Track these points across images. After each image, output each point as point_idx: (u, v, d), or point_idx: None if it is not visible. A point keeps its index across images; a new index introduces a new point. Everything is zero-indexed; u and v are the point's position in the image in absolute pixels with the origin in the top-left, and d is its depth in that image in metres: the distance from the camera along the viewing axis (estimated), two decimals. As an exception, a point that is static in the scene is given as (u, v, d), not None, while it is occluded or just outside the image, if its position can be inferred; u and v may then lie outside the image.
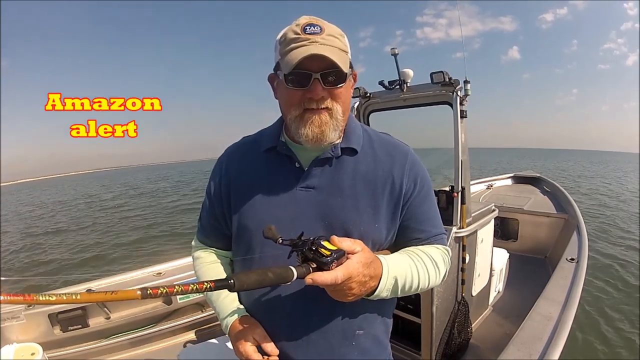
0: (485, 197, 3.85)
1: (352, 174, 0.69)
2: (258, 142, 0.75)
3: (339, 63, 0.59)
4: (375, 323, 0.73)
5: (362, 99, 2.13)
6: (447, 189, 1.88)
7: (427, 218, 0.73)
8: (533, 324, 1.29)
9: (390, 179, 0.69)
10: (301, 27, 0.60)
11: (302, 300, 0.67)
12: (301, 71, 0.60)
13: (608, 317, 3.17)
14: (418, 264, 0.67)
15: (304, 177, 0.69)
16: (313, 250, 0.54)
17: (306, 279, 0.52)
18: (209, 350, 1.30)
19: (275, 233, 0.59)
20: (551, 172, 19.86)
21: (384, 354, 0.77)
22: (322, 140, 0.64)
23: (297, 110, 0.64)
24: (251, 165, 0.74)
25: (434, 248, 0.73)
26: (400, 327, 1.91)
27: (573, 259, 1.90)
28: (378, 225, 0.68)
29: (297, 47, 0.59)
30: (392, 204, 0.69)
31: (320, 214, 0.67)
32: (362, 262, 0.57)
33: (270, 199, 0.69)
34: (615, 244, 5.36)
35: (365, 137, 0.73)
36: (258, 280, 0.49)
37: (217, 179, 0.77)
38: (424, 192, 0.72)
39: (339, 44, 0.62)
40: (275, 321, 0.69)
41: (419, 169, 0.73)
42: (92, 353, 2.01)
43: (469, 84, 1.68)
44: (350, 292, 0.57)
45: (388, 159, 0.71)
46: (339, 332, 0.68)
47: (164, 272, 2.26)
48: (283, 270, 0.51)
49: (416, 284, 0.66)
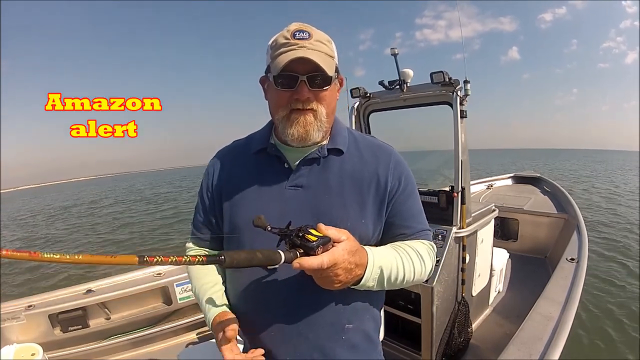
0: (485, 197, 3.85)
1: (339, 173, 0.72)
2: (248, 145, 0.79)
3: (324, 67, 0.63)
4: (364, 318, 0.75)
5: (362, 99, 2.13)
6: (447, 189, 1.88)
7: (411, 215, 0.76)
8: (533, 324, 1.29)
9: (376, 178, 0.72)
10: (291, 32, 0.64)
11: (290, 291, 0.68)
12: (289, 73, 0.64)
13: (608, 317, 3.17)
14: (404, 257, 0.69)
15: (292, 177, 0.72)
16: (300, 236, 0.56)
17: (293, 263, 0.54)
18: (209, 350, 1.30)
19: (264, 221, 0.61)
20: (552, 172, 19.89)
21: (375, 352, 0.78)
22: (306, 139, 0.68)
23: (284, 111, 0.68)
24: (242, 166, 0.77)
25: (419, 243, 0.75)
26: (400, 327, 1.91)
27: (573, 259, 1.90)
28: (365, 221, 0.71)
29: (286, 51, 0.63)
30: (377, 201, 0.72)
31: (309, 211, 0.69)
32: (347, 249, 0.58)
33: (261, 197, 0.72)
34: (615, 243, 5.36)
35: (350, 138, 0.77)
36: (247, 259, 0.52)
37: (208, 182, 0.80)
38: (408, 190, 0.75)
39: (326, 49, 0.66)
40: (264, 314, 0.70)
41: (403, 168, 0.76)
42: (93, 353, 2.01)
43: (469, 84, 1.68)
44: (336, 278, 0.59)
45: (373, 159, 0.74)
46: (328, 325, 0.69)
47: (164, 272, 2.26)
48: (271, 253, 0.54)
49: (402, 276, 0.68)
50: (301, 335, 0.69)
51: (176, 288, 2.24)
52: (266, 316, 0.70)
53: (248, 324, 0.72)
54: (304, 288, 0.66)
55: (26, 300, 1.97)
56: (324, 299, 0.68)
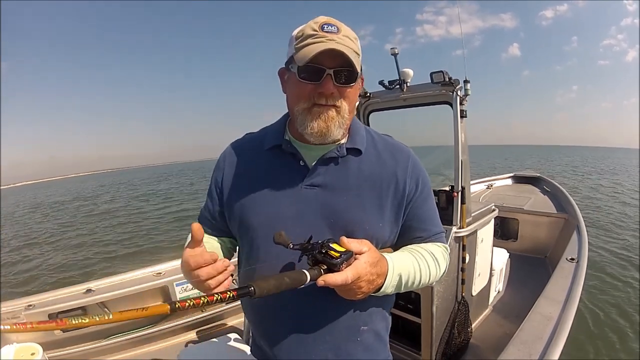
0: (485, 197, 3.85)
1: (357, 174, 0.70)
2: (261, 140, 0.75)
3: (353, 62, 0.61)
4: (377, 319, 0.75)
5: (362, 99, 2.13)
6: (447, 188, 1.88)
7: (428, 217, 0.75)
8: (533, 323, 1.29)
9: (395, 180, 0.71)
10: (319, 24, 0.62)
11: (309, 297, 0.67)
12: (315, 65, 0.61)
13: (608, 316, 3.17)
14: (420, 261, 0.69)
15: (309, 176, 0.69)
16: (323, 253, 0.57)
17: (318, 280, 0.54)
18: (209, 350, 1.30)
19: (285, 239, 0.61)
20: (552, 171, 19.93)
21: (385, 350, 0.79)
22: (326, 135, 0.66)
23: (306, 104, 0.65)
24: (255, 163, 0.74)
25: (434, 245, 0.75)
26: (401, 327, 1.91)
27: (573, 259, 1.90)
28: (382, 225, 0.70)
29: (314, 43, 0.61)
30: (395, 204, 0.71)
31: (325, 212, 0.68)
32: (370, 261, 0.58)
33: (275, 196, 0.70)
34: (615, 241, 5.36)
35: (368, 138, 0.75)
36: (276, 285, 0.52)
37: (218, 176, 0.77)
38: (425, 193, 0.74)
39: (353, 46, 0.64)
40: (283, 319, 0.70)
41: (420, 170, 0.75)
42: (92, 353, 2.00)
43: (469, 84, 1.68)
44: (359, 290, 0.59)
45: (391, 160, 0.73)
46: (345, 328, 0.70)
47: (163, 272, 2.26)
48: (297, 275, 0.54)
49: (418, 280, 0.69)
50: (318, 339, 0.69)
51: (176, 288, 2.24)
52: (283, 322, 0.70)
53: (265, 328, 0.72)
54: (322, 295, 0.65)
55: (26, 300, 1.97)
56: (342, 305, 0.67)
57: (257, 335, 0.78)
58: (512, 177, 4.70)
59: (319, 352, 0.69)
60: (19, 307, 1.89)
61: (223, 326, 2.36)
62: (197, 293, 0.54)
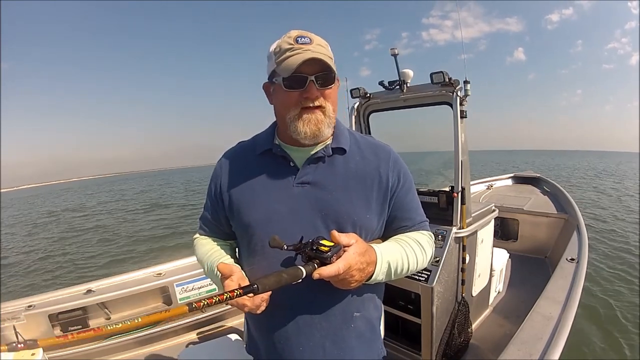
0: (485, 197, 3.85)
1: (344, 171, 0.77)
2: (253, 146, 0.83)
3: (331, 66, 0.69)
4: (370, 307, 0.82)
5: (362, 100, 2.13)
6: (447, 189, 1.88)
7: (411, 208, 0.83)
8: (533, 324, 1.29)
9: (378, 175, 0.78)
10: (293, 38, 0.69)
11: (305, 289, 0.70)
12: (298, 75, 0.68)
13: (608, 317, 3.17)
14: (407, 249, 0.76)
15: (299, 175, 0.76)
16: (314, 249, 0.63)
17: (313, 274, 0.61)
18: (210, 350, 1.30)
19: (279, 241, 0.67)
20: (552, 172, 19.83)
21: (377, 342, 0.84)
22: (318, 136, 0.73)
23: (295, 110, 0.72)
24: (249, 167, 0.80)
25: (419, 233, 0.82)
26: (401, 327, 1.91)
27: (573, 259, 1.90)
28: (369, 216, 0.77)
29: (293, 55, 0.68)
30: (380, 196, 0.78)
31: (317, 207, 0.74)
32: (358, 252, 0.65)
33: (270, 195, 0.76)
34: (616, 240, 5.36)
35: (351, 138, 0.82)
36: (276, 281, 0.58)
37: (216, 183, 0.83)
38: (407, 186, 0.82)
39: (327, 52, 0.71)
40: (280, 306, 0.73)
41: (401, 165, 0.83)
42: (92, 354, 2.00)
43: (469, 84, 1.68)
44: (352, 279, 0.65)
45: (374, 157, 0.80)
46: (340, 313, 0.76)
47: (164, 272, 2.26)
48: (294, 271, 0.60)
49: (407, 266, 0.75)
50: (315, 324, 0.74)
51: (176, 288, 2.24)
52: (282, 308, 0.74)
53: (263, 317, 0.74)
54: (317, 284, 0.68)
55: (26, 300, 1.97)
56: (336, 292, 0.71)
57: (255, 329, 0.83)
58: (512, 178, 4.70)
59: (316, 339, 0.74)
60: (19, 307, 1.89)
61: (223, 327, 2.37)
62: (196, 293, 0.59)
